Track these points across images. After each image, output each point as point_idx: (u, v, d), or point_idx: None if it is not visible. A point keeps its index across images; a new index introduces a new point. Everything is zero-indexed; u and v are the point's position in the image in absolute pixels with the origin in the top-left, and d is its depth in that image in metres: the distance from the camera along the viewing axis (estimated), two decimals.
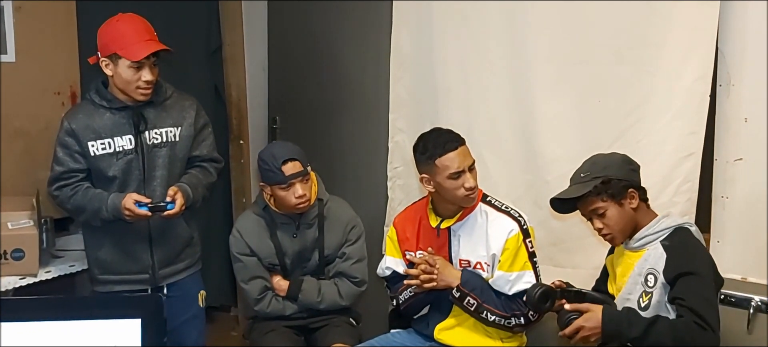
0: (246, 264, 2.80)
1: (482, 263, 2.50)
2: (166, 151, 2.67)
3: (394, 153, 3.34)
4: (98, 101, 2.62)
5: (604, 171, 2.20)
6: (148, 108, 2.64)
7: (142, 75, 2.53)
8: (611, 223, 2.22)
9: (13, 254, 2.75)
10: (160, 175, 2.67)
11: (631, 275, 2.22)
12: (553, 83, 2.78)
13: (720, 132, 2.47)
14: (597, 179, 2.19)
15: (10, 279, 2.76)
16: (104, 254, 2.73)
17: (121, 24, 2.54)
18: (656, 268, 2.14)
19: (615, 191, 2.19)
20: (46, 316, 1.54)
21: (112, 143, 2.61)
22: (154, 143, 2.65)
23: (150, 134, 2.64)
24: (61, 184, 2.65)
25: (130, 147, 2.62)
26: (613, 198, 2.20)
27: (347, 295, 2.82)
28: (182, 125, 2.71)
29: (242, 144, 4.04)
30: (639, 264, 2.21)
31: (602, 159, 2.26)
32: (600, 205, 2.20)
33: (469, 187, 2.41)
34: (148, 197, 2.62)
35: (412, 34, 3.20)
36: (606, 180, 2.18)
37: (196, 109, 2.76)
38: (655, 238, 2.19)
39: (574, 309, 2.17)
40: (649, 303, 2.14)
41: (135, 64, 2.51)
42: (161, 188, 2.66)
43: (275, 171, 2.65)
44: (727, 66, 2.43)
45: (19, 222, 2.79)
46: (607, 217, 2.21)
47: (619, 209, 2.20)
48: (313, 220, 2.79)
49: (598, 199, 2.20)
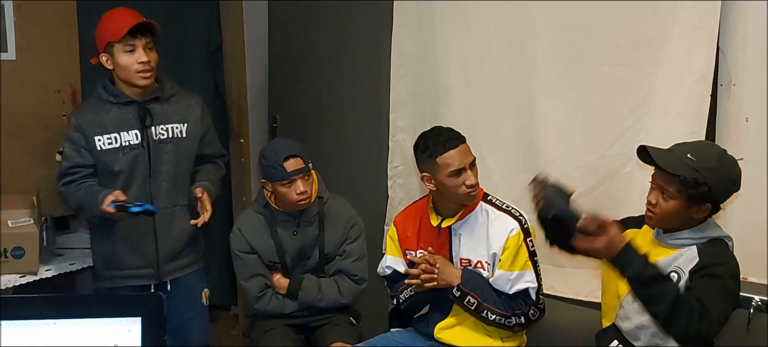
0: (246, 262, 2.80)
1: (483, 262, 2.50)
2: (171, 147, 2.70)
3: (394, 152, 3.33)
4: (105, 97, 2.65)
5: (707, 173, 2.06)
6: (154, 104, 2.68)
7: (137, 56, 2.58)
8: (665, 211, 2.13)
9: (13, 252, 2.75)
10: (166, 170, 2.70)
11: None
12: (554, 83, 2.78)
13: (721, 132, 2.47)
14: (696, 174, 2.06)
15: (10, 277, 2.76)
16: (110, 249, 2.75)
17: (107, 16, 2.63)
18: (684, 268, 2.10)
19: (695, 195, 2.08)
20: (46, 315, 1.54)
21: (118, 138, 2.63)
22: (160, 138, 2.68)
23: (156, 129, 2.67)
24: (67, 180, 2.66)
25: (136, 142, 2.65)
26: (688, 198, 2.09)
27: (347, 293, 2.82)
28: (188, 121, 2.74)
29: (242, 143, 4.04)
30: (665, 260, 2.15)
31: (719, 161, 2.09)
32: (672, 191, 2.10)
33: (470, 185, 2.41)
34: (154, 192, 2.66)
35: (413, 33, 3.20)
36: (700, 182, 2.06)
37: (201, 107, 2.81)
38: (693, 242, 2.14)
39: (599, 225, 2.06)
40: None
41: (127, 46, 2.57)
42: (167, 184, 2.69)
43: (277, 168, 2.65)
44: (728, 66, 2.43)
45: (19, 220, 2.79)
46: (666, 203, 2.12)
47: (683, 208, 2.11)
48: (313, 218, 2.79)
49: (677, 185, 2.09)
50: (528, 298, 2.47)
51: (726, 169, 2.10)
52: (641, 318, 2.19)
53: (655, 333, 2.17)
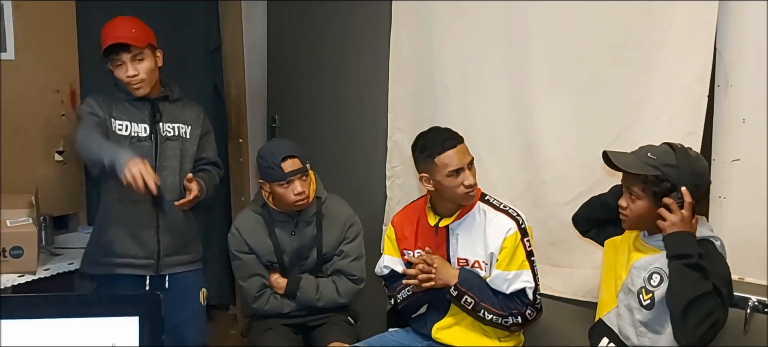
0: (244, 262, 2.80)
1: (480, 262, 2.50)
2: (177, 144, 2.76)
3: (392, 152, 3.34)
4: (117, 93, 2.71)
5: (667, 169, 2.11)
6: (164, 102, 2.75)
7: (123, 71, 2.63)
8: (634, 213, 2.18)
9: (11, 251, 2.75)
10: (171, 165, 2.74)
11: (634, 266, 2.21)
12: (551, 83, 2.78)
13: (718, 133, 2.47)
14: (656, 171, 2.11)
15: (8, 276, 2.76)
16: (111, 236, 2.75)
17: (107, 25, 2.65)
18: (666, 270, 2.12)
19: (659, 192, 2.12)
20: (44, 314, 1.54)
21: (129, 127, 2.70)
22: (167, 135, 2.74)
23: (164, 126, 2.74)
24: (85, 127, 2.61)
25: (145, 135, 2.71)
26: (654, 196, 2.13)
27: (345, 293, 2.83)
28: (192, 125, 2.81)
29: (241, 143, 4.04)
30: (646, 259, 2.19)
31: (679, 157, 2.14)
32: (638, 191, 2.15)
33: (469, 184, 2.42)
34: (159, 185, 2.66)
35: (412, 34, 3.20)
36: (662, 178, 2.11)
37: (204, 115, 2.89)
38: None
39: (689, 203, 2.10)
40: (650, 301, 2.14)
41: (117, 61, 2.62)
42: (172, 177, 2.73)
43: (274, 168, 2.66)
44: (726, 66, 2.43)
45: (18, 220, 2.79)
46: (635, 204, 2.17)
47: (652, 207, 2.14)
48: (311, 218, 2.79)
49: (640, 185, 2.14)
50: (525, 298, 2.47)
51: (688, 163, 2.14)
52: (629, 317, 2.21)
53: (642, 332, 2.18)
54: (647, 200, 2.15)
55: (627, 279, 2.24)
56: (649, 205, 2.15)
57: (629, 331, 2.22)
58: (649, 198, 2.15)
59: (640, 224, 2.22)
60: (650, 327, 2.17)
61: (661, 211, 2.11)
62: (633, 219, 2.21)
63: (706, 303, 2.02)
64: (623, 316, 2.24)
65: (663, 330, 2.15)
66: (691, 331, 2.03)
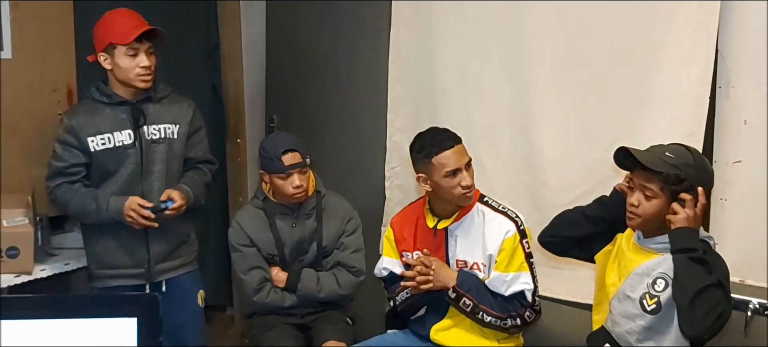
0: (245, 254, 2.80)
1: (479, 263, 2.50)
2: (164, 147, 2.72)
3: (392, 153, 3.33)
4: (98, 98, 2.67)
5: (686, 169, 2.09)
6: (147, 104, 2.70)
7: (139, 61, 2.60)
8: (647, 211, 2.14)
9: (8, 252, 2.75)
10: (158, 170, 2.71)
11: (635, 272, 2.19)
12: (552, 84, 2.78)
13: (719, 134, 2.47)
14: (677, 170, 2.09)
15: (5, 276, 2.75)
16: (101, 248, 2.75)
17: (111, 16, 2.63)
18: (670, 274, 2.10)
19: (678, 191, 2.10)
20: (40, 314, 1.53)
21: (111, 139, 2.65)
22: (152, 138, 2.70)
23: (148, 129, 2.69)
24: (60, 181, 2.67)
25: (129, 142, 2.67)
26: (671, 196, 2.11)
27: (346, 285, 2.82)
28: (180, 123, 2.76)
29: (239, 143, 4.03)
30: (647, 265, 2.17)
31: (695, 157, 2.14)
32: (654, 189, 2.12)
33: (466, 185, 2.41)
34: (146, 191, 2.67)
35: (411, 34, 3.19)
36: (682, 179, 2.09)
37: (193, 110, 2.82)
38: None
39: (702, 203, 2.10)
40: (656, 306, 2.12)
41: (130, 50, 2.58)
42: (159, 183, 2.70)
43: (275, 160, 2.68)
44: (727, 68, 2.43)
45: (14, 220, 2.79)
46: (649, 203, 2.14)
47: (666, 207, 2.12)
48: (311, 211, 2.81)
49: (659, 183, 2.11)
50: (524, 300, 2.46)
51: (703, 165, 2.17)
52: (628, 324, 2.19)
53: (640, 338, 2.17)
54: (662, 199, 2.12)
55: (623, 286, 2.21)
56: (664, 204, 2.12)
57: (627, 338, 2.20)
58: (665, 197, 2.12)
59: (649, 223, 2.17)
60: (655, 330, 2.15)
61: (674, 206, 2.10)
62: (644, 218, 2.16)
63: (713, 294, 2.01)
64: (619, 323, 2.22)
65: (668, 330, 2.13)
66: (699, 321, 2.01)
